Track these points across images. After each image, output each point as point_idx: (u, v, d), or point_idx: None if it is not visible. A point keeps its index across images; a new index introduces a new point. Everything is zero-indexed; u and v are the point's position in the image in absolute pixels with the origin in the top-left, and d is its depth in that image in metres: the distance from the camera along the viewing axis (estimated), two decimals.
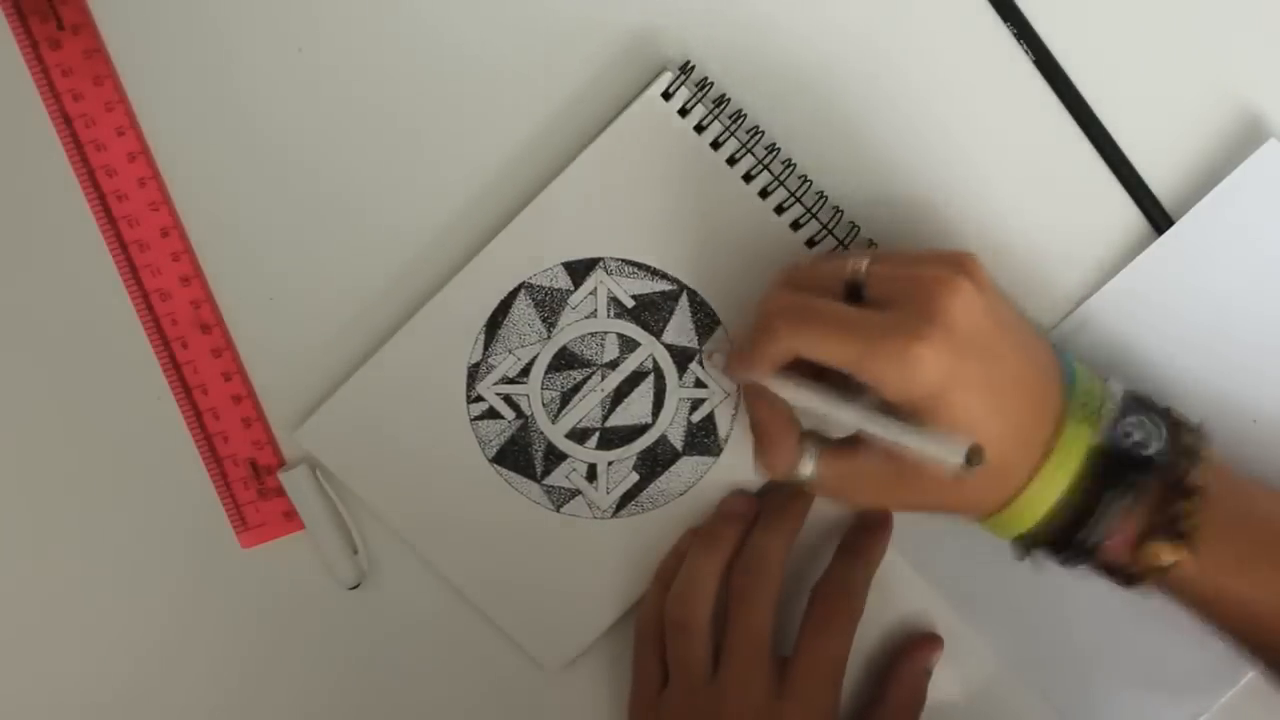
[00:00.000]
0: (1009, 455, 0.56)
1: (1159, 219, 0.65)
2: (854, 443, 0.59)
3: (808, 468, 0.59)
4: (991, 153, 0.65)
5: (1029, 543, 0.59)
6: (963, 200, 0.65)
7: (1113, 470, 0.56)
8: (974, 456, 0.50)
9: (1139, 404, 0.58)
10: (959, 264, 0.56)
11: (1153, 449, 0.57)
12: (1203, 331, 0.64)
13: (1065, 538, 0.57)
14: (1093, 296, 0.65)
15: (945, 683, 0.68)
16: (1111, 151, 0.65)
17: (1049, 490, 0.57)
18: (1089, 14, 0.65)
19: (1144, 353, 0.65)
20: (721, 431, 0.66)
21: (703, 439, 0.66)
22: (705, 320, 0.65)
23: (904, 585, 0.67)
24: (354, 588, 0.68)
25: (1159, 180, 0.65)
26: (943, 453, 0.51)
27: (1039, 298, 0.65)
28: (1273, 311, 0.64)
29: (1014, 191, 0.65)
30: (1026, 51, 0.65)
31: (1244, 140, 0.64)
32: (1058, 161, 0.65)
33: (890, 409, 0.55)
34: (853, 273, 0.57)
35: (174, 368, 0.67)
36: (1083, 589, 0.60)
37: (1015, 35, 0.65)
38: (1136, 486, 0.56)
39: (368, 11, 0.65)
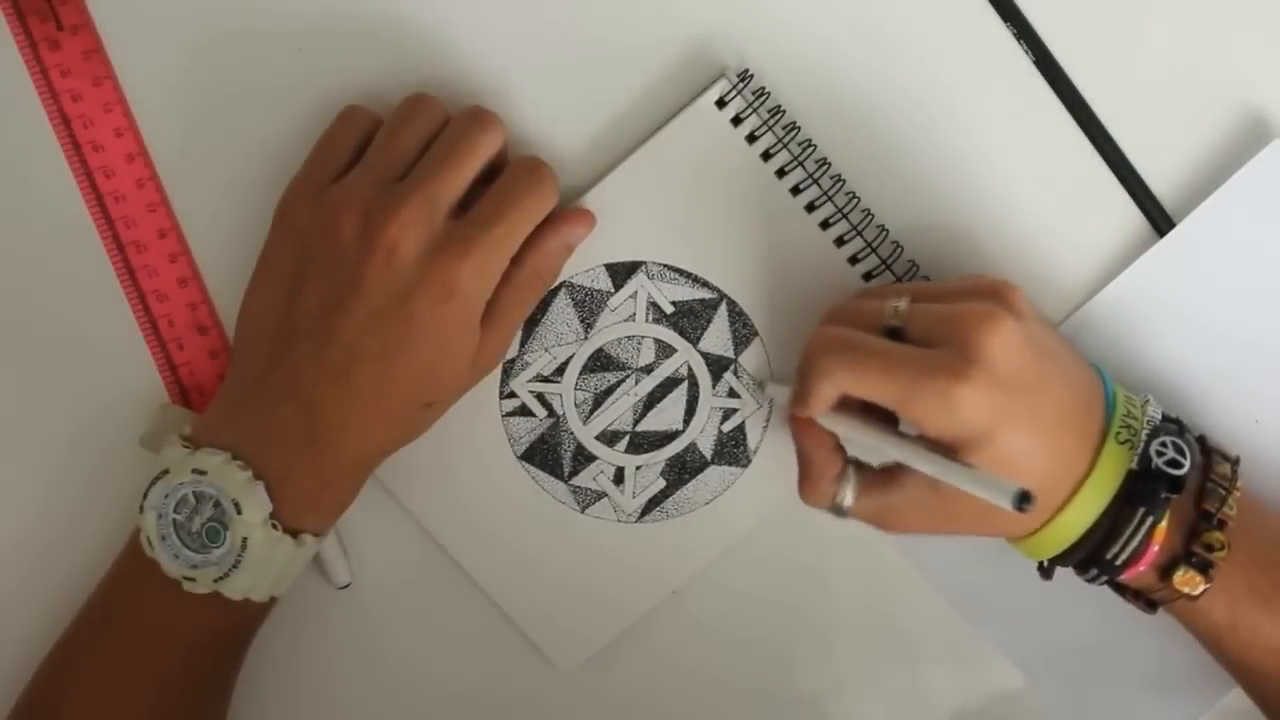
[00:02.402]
0: (1049, 484, 0.57)
1: (1160, 221, 0.65)
2: (893, 472, 0.59)
3: (847, 498, 0.59)
4: (991, 154, 0.65)
5: (1057, 560, 0.59)
6: (962, 202, 0.66)
7: (1144, 488, 0.57)
8: (1024, 501, 0.50)
9: (1173, 426, 0.59)
10: (998, 296, 0.57)
11: (1184, 469, 0.57)
12: (1204, 333, 0.64)
13: (1094, 556, 0.58)
14: (1093, 298, 0.65)
15: (947, 683, 0.68)
16: (1112, 153, 0.65)
17: (1086, 514, 0.57)
18: (1089, 14, 0.65)
19: (1145, 354, 0.65)
20: (751, 443, 0.66)
21: (732, 449, 0.66)
22: (743, 330, 0.65)
23: (906, 585, 0.67)
24: (344, 587, 0.68)
25: (1160, 182, 0.65)
26: (992, 495, 0.51)
27: (1040, 299, 0.65)
28: (1274, 313, 0.64)
29: (1014, 193, 0.66)
30: (1026, 52, 0.65)
31: (1247, 141, 0.64)
32: (1058, 163, 0.65)
33: (936, 444, 0.56)
34: (892, 314, 0.58)
35: (170, 369, 0.67)
36: (1084, 590, 0.60)
37: (1015, 35, 0.65)
38: (1167, 505, 0.57)
39: (369, 11, 0.65)
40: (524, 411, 0.66)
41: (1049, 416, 0.56)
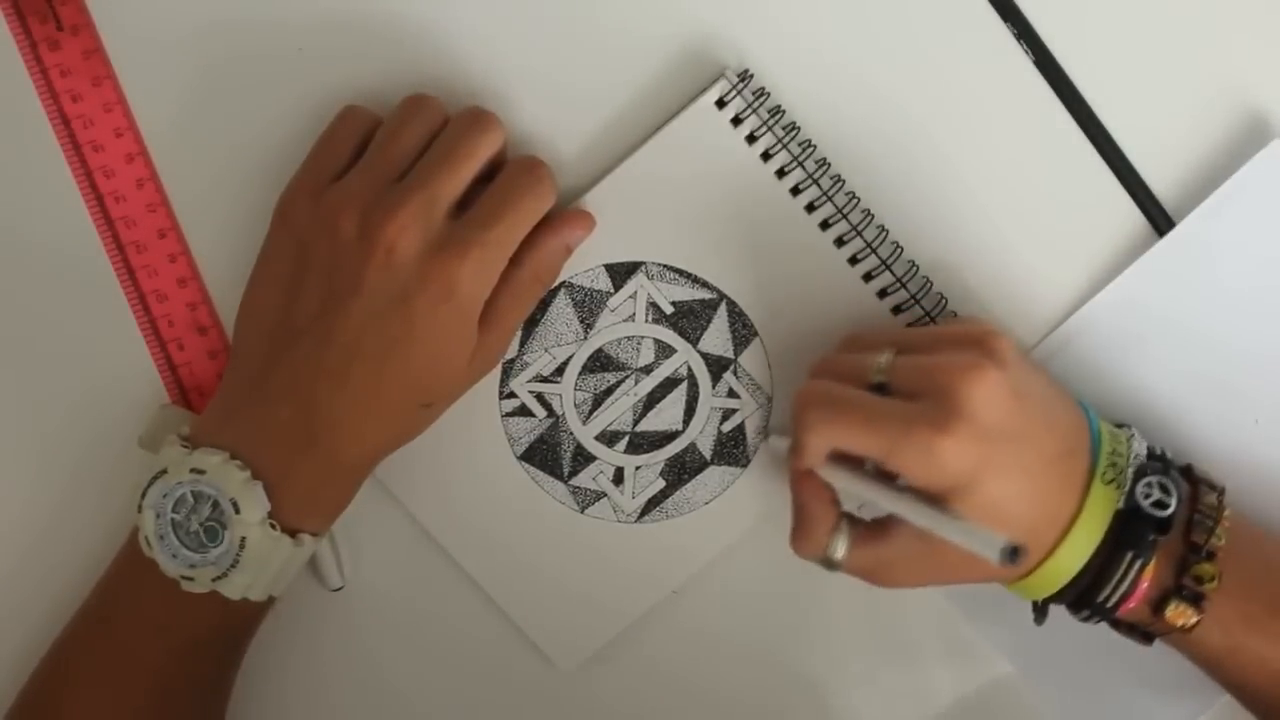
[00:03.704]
0: (1038, 528, 0.57)
1: (1160, 221, 0.65)
2: (884, 526, 0.59)
3: (839, 550, 0.60)
4: (991, 154, 0.65)
5: (1050, 600, 0.60)
6: (961, 202, 0.65)
7: (1131, 530, 0.57)
8: (1012, 555, 0.50)
9: (1159, 463, 0.59)
10: (982, 345, 0.57)
11: (1171, 509, 0.57)
12: (1204, 333, 0.64)
13: (1086, 598, 0.58)
14: (1093, 299, 0.65)
15: (947, 682, 0.68)
16: (1112, 152, 0.65)
17: (1076, 556, 0.57)
18: (1089, 13, 0.65)
19: (1145, 355, 0.65)
20: (751, 443, 0.66)
21: (732, 449, 0.66)
22: (743, 331, 0.65)
23: None
24: (337, 590, 0.68)
25: (1160, 181, 0.65)
26: (980, 548, 0.51)
27: (1039, 300, 0.66)
28: (1275, 312, 0.64)
29: (1014, 193, 0.65)
30: (1026, 51, 0.65)
31: (1247, 140, 0.64)
32: (1058, 162, 0.65)
33: (923, 494, 0.56)
34: (877, 368, 0.58)
35: (170, 369, 0.67)
36: None
37: (1015, 35, 0.65)
38: (1155, 546, 0.57)
39: (369, 11, 0.65)
40: (523, 412, 0.66)
41: (1033, 462, 0.56)
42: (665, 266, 0.65)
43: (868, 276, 0.64)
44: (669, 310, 0.65)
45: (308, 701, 0.69)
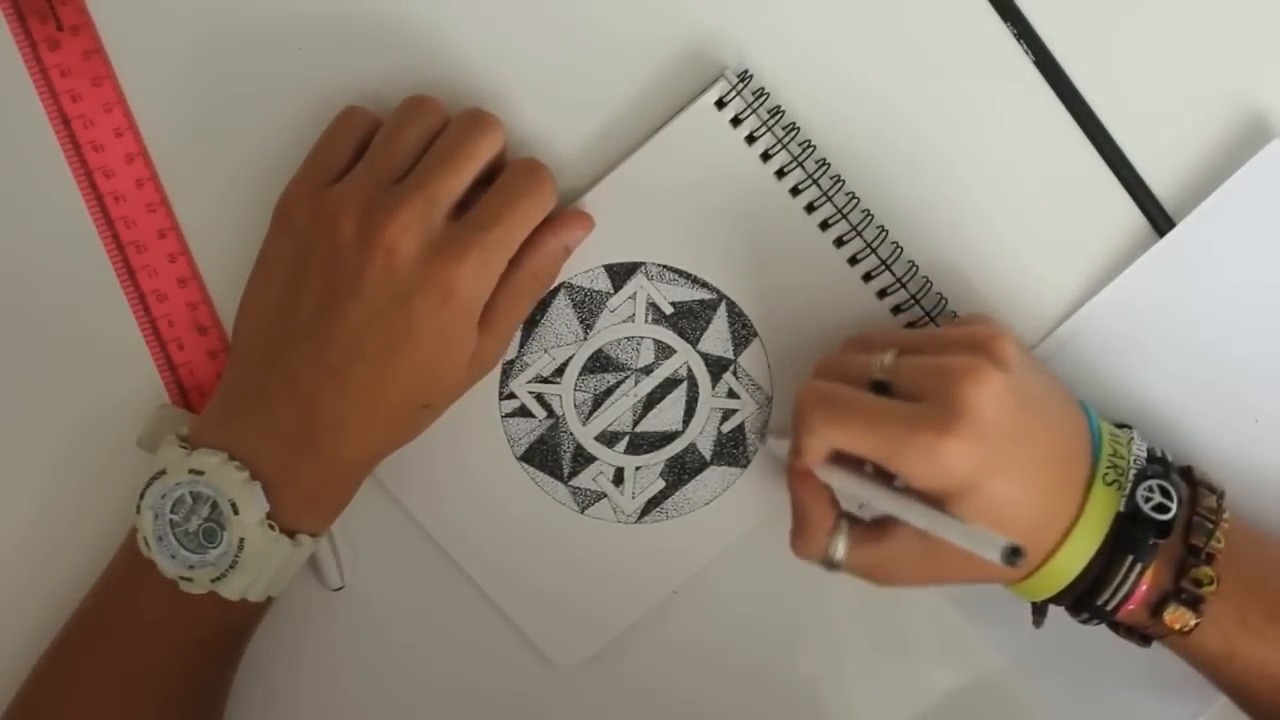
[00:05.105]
0: (1039, 530, 0.57)
1: (1160, 221, 0.65)
2: (884, 525, 0.59)
3: (839, 550, 0.60)
4: (991, 154, 0.65)
5: (1050, 601, 0.60)
6: (961, 202, 0.65)
7: (1132, 534, 0.57)
8: (1014, 555, 0.50)
9: (1159, 466, 0.59)
10: (986, 348, 0.57)
11: (1172, 512, 0.57)
12: (1204, 333, 0.64)
13: (1085, 601, 0.58)
14: (1093, 299, 0.65)
15: (946, 682, 0.68)
16: (1112, 152, 0.65)
17: (1077, 558, 0.57)
18: (1090, 15, 0.65)
19: (1145, 356, 0.65)
20: (750, 443, 0.66)
21: (731, 450, 0.66)
22: (742, 331, 0.65)
23: None
24: (337, 589, 0.68)
25: (1160, 181, 0.65)
26: (982, 549, 0.51)
27: (1039, 300, 0.66)
28: (1274, 312, 0.64)
29: (1013, 193, 0.65)
30: (1026, 52, 0.65)
31: (1247, 140, 0.64)
32: (1058, 162, 0.65)
33: (924, 496, 0.56)
34: (879, 368, 0.58)
35: (170, 369, 0.67)
36: None
37: (1015, 35, 0.65)
38: (1155, 550, 0.57)
39: (369, 11, 0.65)
40: (523, 412, 0.66)
41: (1035, 464, 0.56)
42: (665, 267, 0.65)
43: (868, 276, 0.64)
44: (669, 311, 0.65)
45: (308, 701, 0.69)
